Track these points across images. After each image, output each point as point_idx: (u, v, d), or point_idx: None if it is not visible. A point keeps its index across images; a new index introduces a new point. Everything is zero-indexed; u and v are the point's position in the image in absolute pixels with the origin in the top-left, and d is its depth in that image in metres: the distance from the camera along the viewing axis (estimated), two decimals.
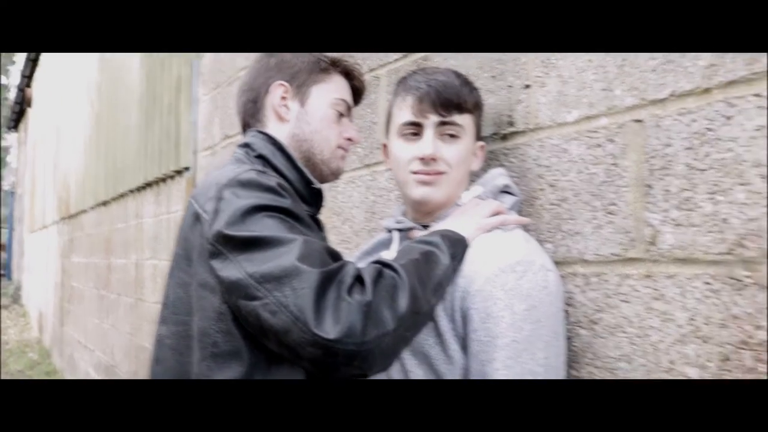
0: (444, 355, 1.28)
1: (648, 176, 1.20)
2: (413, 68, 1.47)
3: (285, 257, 1.11)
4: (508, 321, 1.22)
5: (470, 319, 1.25)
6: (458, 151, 1.36)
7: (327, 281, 1.10)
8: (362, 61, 2.01)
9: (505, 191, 1.40)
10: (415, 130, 1.37)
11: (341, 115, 1.44)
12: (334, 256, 1.20)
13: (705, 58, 1.12)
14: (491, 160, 1.51)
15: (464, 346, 1.27)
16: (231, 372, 1.19)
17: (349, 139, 1.46)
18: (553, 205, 1.37)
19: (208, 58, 3.52)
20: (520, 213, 1.40)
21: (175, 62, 4.02)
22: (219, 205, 1.20)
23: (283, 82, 1.42)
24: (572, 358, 1.33)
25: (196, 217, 1.25)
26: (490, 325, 1.22)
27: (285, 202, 1.21)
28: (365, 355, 1.09)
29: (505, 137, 1.49)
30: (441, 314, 1.28)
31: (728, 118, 1.08)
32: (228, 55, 3.19)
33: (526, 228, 1.39)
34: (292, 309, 1.08)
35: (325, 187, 1.95)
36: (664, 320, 1.18)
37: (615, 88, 1.26)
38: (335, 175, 1.47)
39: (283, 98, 1.42)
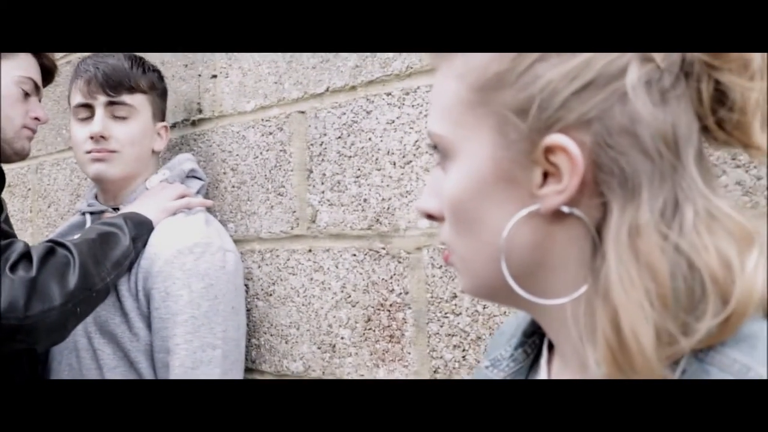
0: (130, 333, 1.34)
1: (309, 162, 1.35)
2: None
3: None
4: (186, 299, 1.30)
5: (152, 298, 1.32)
6: (130, 129, 1.42)
7: None
8: None
9: (192, 176, 1.48)
10: (88, 113, 1.41)
11: (27, 94, 1.43)
12: (4, 234, 1.21)
13: (352, 59, 1.28)
14: (183, 145, 1.58)
15: (149, 325, 1.34)
16: None
17: (37, 119, 1.45)
18: (234, 188, 1.48)
19: None
20: (206, 196, 1.49)
21: None
22: None
23: None
24: (252, 328, 1.45)
25: None
26: (170, 303, 1.31)
27: None
28: (28, 329, 1.13)
29: (194, 123, 1.58)
30: (126, 294, 1.33)
31: (368, 112, 1.26)
32: None
33: (212, 210, 1.48)
34: None
35: (28, 168, 1.89)
36: (323, 289, 1.33)
37: (285, 81, 1.39)
38: (20, 155, 1.45)
39: None
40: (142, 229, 1.34)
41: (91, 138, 1.39)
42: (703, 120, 0.51)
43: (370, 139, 1.25)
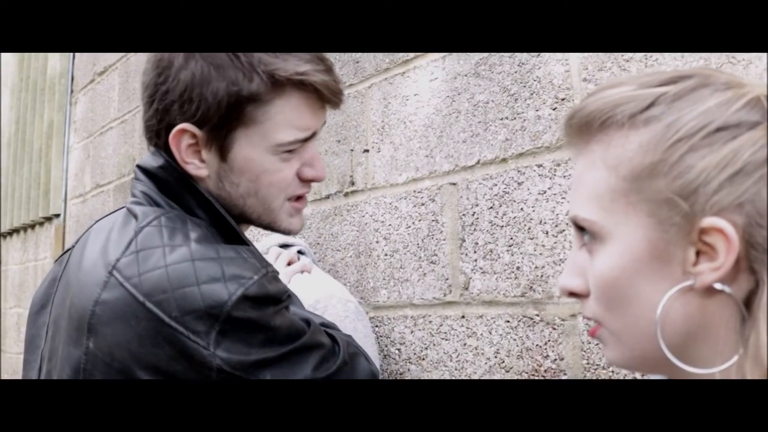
0: None
1: (461, 231, 1.41)
2: None
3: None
4: None
5: None
6: None
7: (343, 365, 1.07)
8: None
9: (283, 244, 1.55)
10: None
11: (290, 150, 1.03)
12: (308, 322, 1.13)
13: (502, 133, 1.34)
14: (336, 216, 1.69)
15: None
16: None
17: (311, 180, 1.09)
18: (387, 256, 1.56)
19: (81, 106, 3.55)
20: (359, 263, 1.58)
21: (47, 108, 4.00)
22: (228, 329, 0.92)
23: (187, 126, 0.99)
24: None
25: (160, 324, 0.91)
26: None
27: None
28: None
29: (347, 195, 1.68)
30: None
31: (519, 183, 1.31)
32: (101, 104, 3.24)
33: (364, 277, 1.56)
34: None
35: None
36: (476, 354, 1.37)
37: (436, 155, 1.47)
38: (287, 233, 1.13)
39: (192, 147, 1.01)
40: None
41: None
42: None
43: (522, 209, 1.30)
